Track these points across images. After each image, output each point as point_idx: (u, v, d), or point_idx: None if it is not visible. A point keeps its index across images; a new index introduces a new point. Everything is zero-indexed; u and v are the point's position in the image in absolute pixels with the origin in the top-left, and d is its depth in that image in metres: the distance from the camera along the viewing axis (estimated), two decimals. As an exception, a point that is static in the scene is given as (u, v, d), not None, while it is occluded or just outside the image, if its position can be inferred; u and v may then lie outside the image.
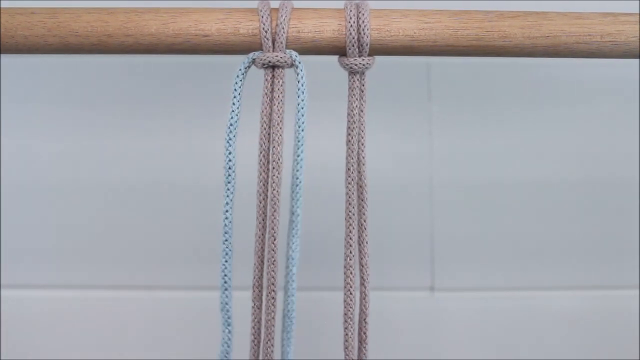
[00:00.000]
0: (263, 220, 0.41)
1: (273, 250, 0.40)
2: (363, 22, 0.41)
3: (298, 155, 0.39)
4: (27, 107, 0.62)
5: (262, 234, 0.41)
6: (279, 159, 0.40)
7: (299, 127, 0.39)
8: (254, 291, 0.42)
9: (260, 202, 0.40)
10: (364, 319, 0.42)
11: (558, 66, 0.61)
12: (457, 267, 0.63)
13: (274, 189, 0.39)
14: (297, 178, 0.39)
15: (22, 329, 0.63)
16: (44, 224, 0.63)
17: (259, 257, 0.41)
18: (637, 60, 0.43)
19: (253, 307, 0.42)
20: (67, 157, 0.62)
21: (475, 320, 0.64)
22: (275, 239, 0.39)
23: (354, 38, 0.41)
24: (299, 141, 0.39)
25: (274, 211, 0.39)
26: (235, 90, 0.40)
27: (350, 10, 0.41)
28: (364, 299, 0.42)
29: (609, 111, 0.62)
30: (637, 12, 0.42)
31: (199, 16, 0.41)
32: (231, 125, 0.39)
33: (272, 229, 0.40)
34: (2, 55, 0.42)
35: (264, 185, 0.40)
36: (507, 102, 0.62)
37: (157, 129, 0.62)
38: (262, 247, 0.41)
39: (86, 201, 0.62)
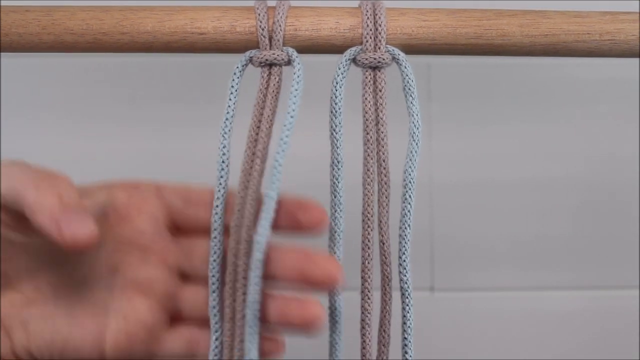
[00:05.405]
0: (240, 210, 0.38)
1: (246, 241, 0.36)
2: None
3: (282, 139, 0.36)
4: (27, 107, 0.62)
5: (240, 225, 0.38)
6: (264, 149, 0.38)
7: (289, 113, 0.37)
8: (227, 287, 0.38)
9: (240, 192, 0.38)
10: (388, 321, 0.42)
11: (558, 66, 0.61)
12: (457, 267, 0.63)
13: (255, 178, 0.37)
14: (277, 161, 0.36)
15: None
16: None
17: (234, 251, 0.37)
18: (637, 59, 0.43)
19: (222, 305, 0.38)
20: (67, 157, 0.62)
21: (475, 320, 0.64)
22: (250, 230, 0.36)
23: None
24: (285, 125, 0.37)
25: (252, 199, 0.37)
26: (232, 87, 0.40)
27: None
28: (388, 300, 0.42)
29: (609, 111, 0.62)
30: (637, 10, 0.42)
31: (195, 14, 0.40)
32: (226, 119, 0.39)
33: (248, 218, 0.37)
34: (1, 54, 0.42)
35: (246, 175, 0.38)
36: (507, 102, 0.62)
37: (154, 128, 0.62)
38: (238, 240, 0.37)
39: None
